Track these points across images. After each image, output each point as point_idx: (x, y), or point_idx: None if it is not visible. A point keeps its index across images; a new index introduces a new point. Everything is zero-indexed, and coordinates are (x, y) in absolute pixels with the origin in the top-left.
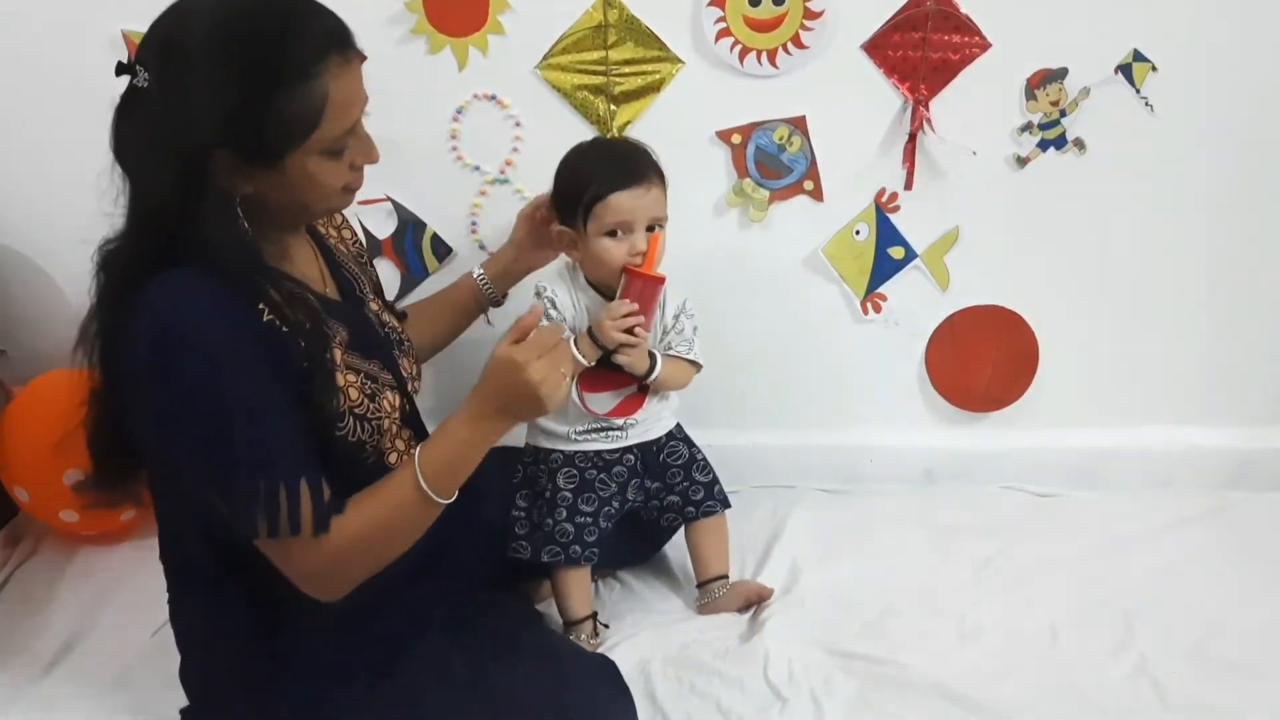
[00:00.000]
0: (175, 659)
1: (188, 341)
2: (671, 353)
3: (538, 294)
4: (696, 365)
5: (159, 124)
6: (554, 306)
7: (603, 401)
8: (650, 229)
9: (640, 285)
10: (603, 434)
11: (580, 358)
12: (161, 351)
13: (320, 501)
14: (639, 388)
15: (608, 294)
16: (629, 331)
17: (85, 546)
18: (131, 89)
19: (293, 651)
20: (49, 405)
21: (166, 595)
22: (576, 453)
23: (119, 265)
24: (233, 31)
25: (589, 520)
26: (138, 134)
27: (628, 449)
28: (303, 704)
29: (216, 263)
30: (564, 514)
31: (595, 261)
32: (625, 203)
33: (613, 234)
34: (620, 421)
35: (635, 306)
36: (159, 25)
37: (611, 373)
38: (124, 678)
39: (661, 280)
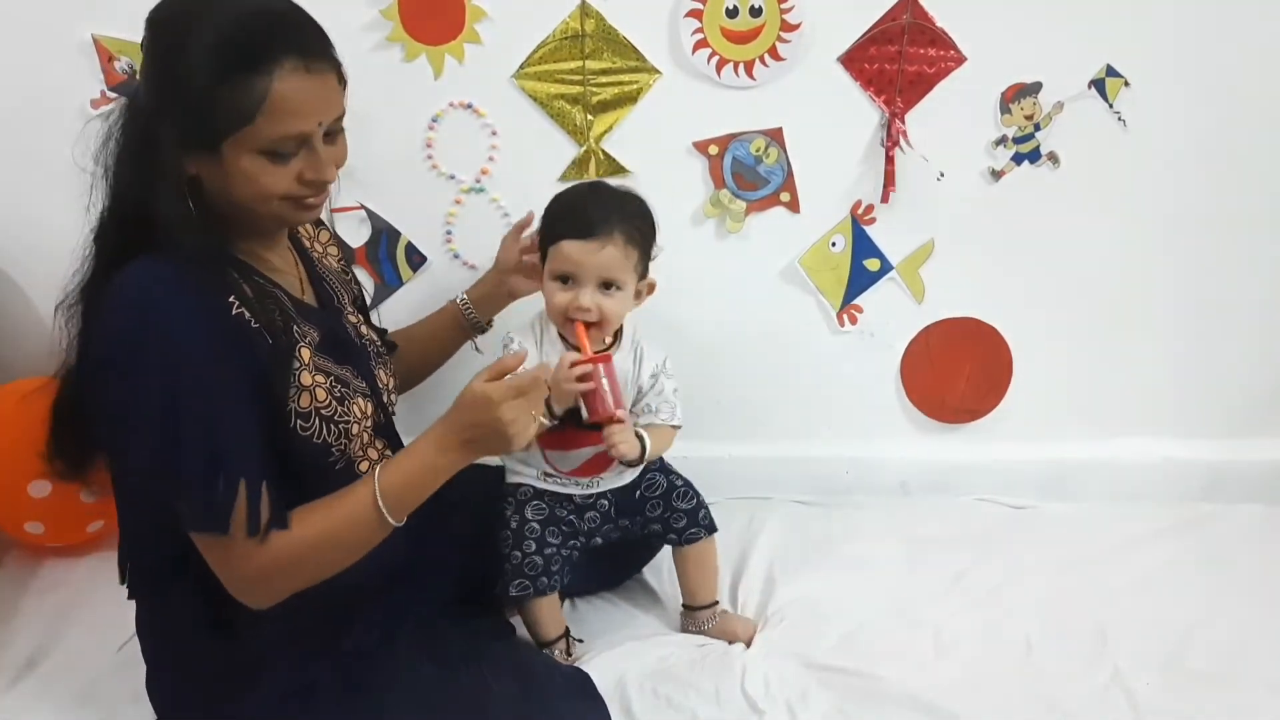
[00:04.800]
0: (141, 673)
1: (154, 327)
2: (655, 422)
3: (505, 346)
4: (677, 429)
5: (131, 101)
6: None
7: (569, 460)
8: (608, 286)
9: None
10: (570, 478)
11: (545, 420)
12: (127, 334)
13: (257, 505)
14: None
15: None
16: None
17: (50, 559)
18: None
19: (259, 665)
20: (13, 415)
21: (134, 606)
22: (546, 491)
23: (103, 247)
24: (208, 22)
25: (555, 551)
26: (121, 116)
27: (602, 494)
28: (269, 718)
29: (181, 246)
30: (532, 546)
31: (546, 301)
32: (572, 253)
33: (563, 280)
34: (587, 480)
35: (580, 357)
36: (157, 15)
37: (579, 431)
38: (89, 692)
39: (601, 360)
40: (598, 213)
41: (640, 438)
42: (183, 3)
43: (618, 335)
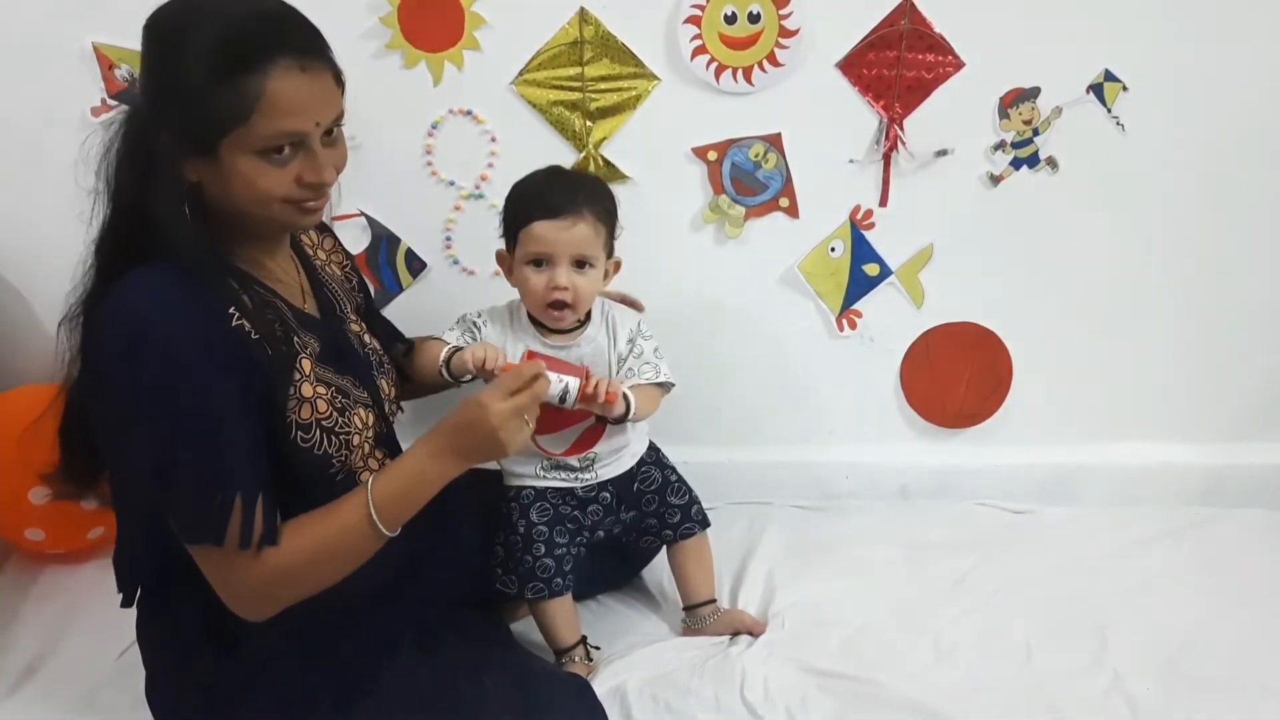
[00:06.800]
0: (141, 680)
1: (152, 337)
2: (640, 381)
3: (462, 318)
4: (666, 387)
5: (131, 110)
6: (479, 331)
7: (557, 442)
8: (581, 265)
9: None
10: (570, 473)
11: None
12: (125, 345)
13: (251, 519)
14: (595, 420)
15: (546, 330)
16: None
17: (51, 565)
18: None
19: (260, 672)
20: (15, 422)
21: (134, 612)
22: (548, 489)
23: (102, 257)
24: (204, 26)
25: (565, 551)
26: (120, 125)
27: (602, 485)
28: None
29: (181, 256)
30: (542, 549)
31: (520, 288)
32: (545, 233)
33: (536, 264)
34: (576, 461)
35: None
36: (153, 22)
37: (562, 412)
38: (90, 699)
39: (537, 367)
40: (565, 191)
41: (625, 398)
42: (178, 9)
43: (588, 314)
